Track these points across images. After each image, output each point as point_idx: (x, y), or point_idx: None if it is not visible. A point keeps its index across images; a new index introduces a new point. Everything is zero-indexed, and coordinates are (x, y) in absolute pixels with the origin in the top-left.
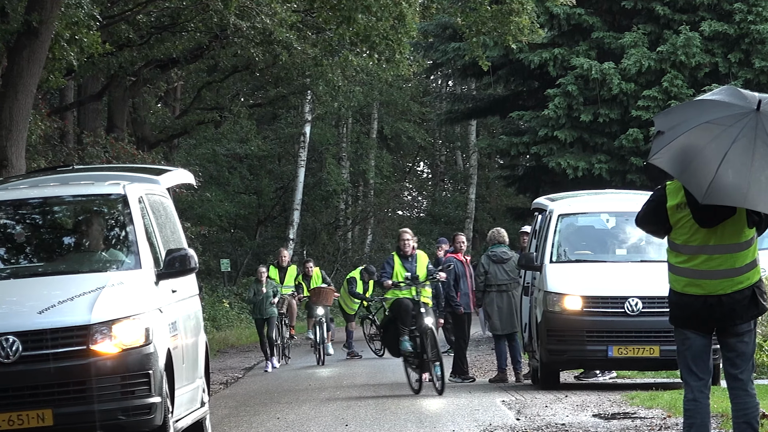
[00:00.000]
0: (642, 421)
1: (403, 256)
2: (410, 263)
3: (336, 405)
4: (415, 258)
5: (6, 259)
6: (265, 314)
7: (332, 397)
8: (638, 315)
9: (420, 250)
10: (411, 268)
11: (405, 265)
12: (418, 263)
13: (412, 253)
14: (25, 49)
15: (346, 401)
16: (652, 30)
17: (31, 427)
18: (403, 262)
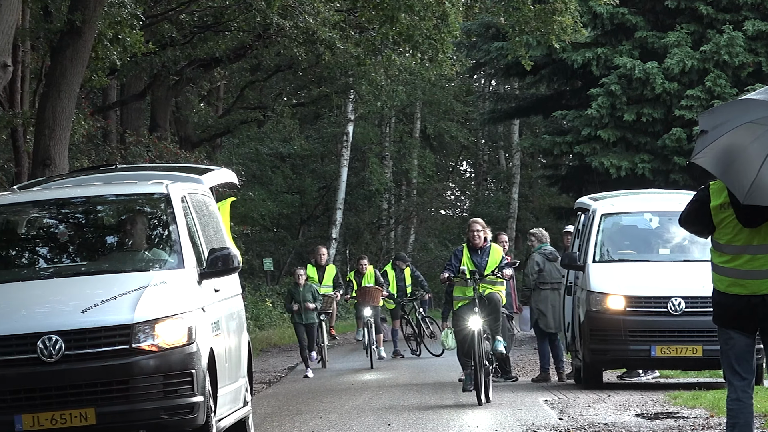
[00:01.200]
0: (685, 420)
1: (472, 249)
2: (480, 257)
3: (379, 404)
4: (487, 252)
5: (49, 258)
6: (306, 319)
7: (375, 397)
8: (681, 315)
9: (494, 243)
10: (481, 263)
11: (474, 259)
12: (490, 257)
13: (483, 246)
14: (68, 48)
15: (388, 401)
16: (696, 29)
17: (73, 426)
18: (472, 256)
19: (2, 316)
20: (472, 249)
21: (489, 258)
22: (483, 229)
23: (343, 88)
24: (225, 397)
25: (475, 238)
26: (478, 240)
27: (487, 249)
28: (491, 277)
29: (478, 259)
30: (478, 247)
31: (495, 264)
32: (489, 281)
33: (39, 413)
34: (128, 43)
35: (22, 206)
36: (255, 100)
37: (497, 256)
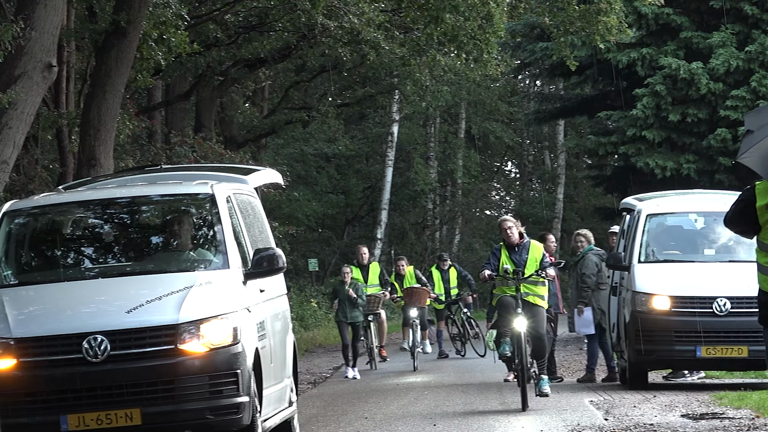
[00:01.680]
0: (730, 421)
1: (510, 247)
2: (519, 254)
3: (424, 405)
4: (526, 248)
5: (94, 258)
6: (350, 318)
7: (420, 397)
8: (727, 315)
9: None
10: (520, 260)
11: (513, 257)
12: (529, 255)
13: (520, 243)
14: (113, 48)
15: (434, 401)
16: (741, 30)
17: (119, 426)
18: (510, 254)
19: (48, 317)
20: (510, 247)
21: (529, 255)
22: (514, 225)
23: (388, 88)
24: (270, 398)
25: (508, 236)
26: (512, 237)
27: (525, 245)
28: (534, 277)
29: (516, 256)
30: (515, 244)
31: (535, 261)
32: (531, 281)
33: (84, 413)
34: (173, 43)
35: (68, 206)
36: (300, 101)
37: (537, 253)
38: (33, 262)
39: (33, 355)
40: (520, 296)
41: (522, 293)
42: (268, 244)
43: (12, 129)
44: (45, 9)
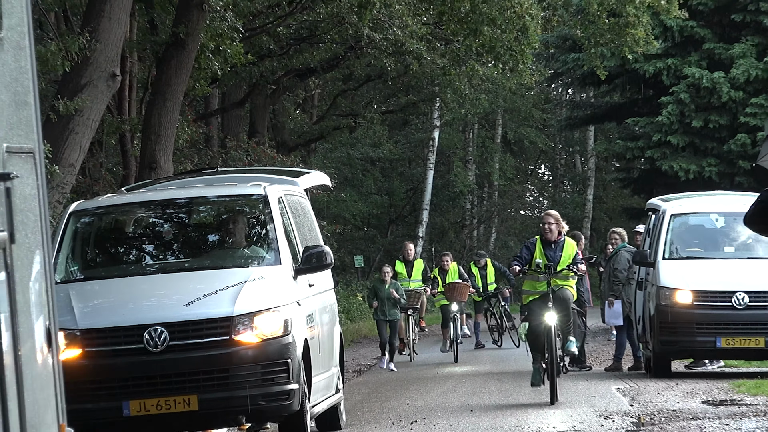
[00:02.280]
0: (748, 407)
1: (545, 243)
2: (553, 251)
3: (461, 392)
4: (561, 246)
5: (155, 255)
6: (388, 316)
7: (458, 385)
8: (745, 308)
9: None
10: (554, 256)
11: (547, 253)
12: (564, 252)
13: (557, 240)
14: (172, 59)
15: (471, 389)
16: (760, 41)
17: (177, 411)
18: (544, 249)
19: (111, 309)
20: (545, 243)
21: (563, 252)
22: (556, 223)
23: (430, 96)
24: (318, 385)
25: (546, 232)
26: (550, 234)
27: (561, 243)
28: (565, 271)
29: (551, 253)
30: (551, 241)
31: (569, 258)
32: (561, 276)
33: (145, 399)
34: (229, 54)
35: (130, 206)
36: (347, 108)
37: (571, 251)
38: (97, 258)
39: (97, 345)
40: (550, 291)
41: (553, 287)
42: (317, 242)
43: (78, 134)
44: (109, 22)
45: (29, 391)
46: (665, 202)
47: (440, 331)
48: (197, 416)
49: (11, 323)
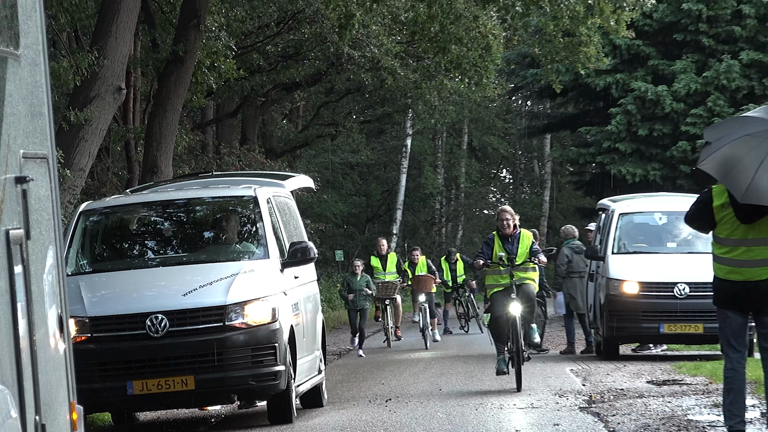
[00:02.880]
0: (688, 386)
1: (503, 237)
2: (511, 244)
3: (431, 374)
4: (517, 239)
5: (156, 250)
6: (359, 306)
7: (428, 368)
8: (686, 298)
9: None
10: (512, 249)
11: (506, 247)
12: (520, 244)
13: (513, 233)
14: (172, 74)
15: (439, 371)
16: (699, 58)
17: (176, 390)
18: (503, 243)
19: (117, 299)
20: (503, 237)
21: (520, 244)
22: (512, 217)
23: (403, 107)
24: (303, 367)
25: (504, 226)
26: (508, 228)
27: (517, 236)
28: (527, 263)
29: (509, 246)
30: (509, 235)
31: (526, 249)
32: (522, 268)
33: (147, 379)
34: (223, 70)
35: (134, 206)
36: (328, 118)
37: (528, 242)
38: (104, 253)
39: (104, 331)
40: (513, 283)
41: (515, 279)
42: (302, 238)
43: (87, 141)
44: (116, 41)
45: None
46: (614, 203)
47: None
48: (194, 395)
49: (27, 311)
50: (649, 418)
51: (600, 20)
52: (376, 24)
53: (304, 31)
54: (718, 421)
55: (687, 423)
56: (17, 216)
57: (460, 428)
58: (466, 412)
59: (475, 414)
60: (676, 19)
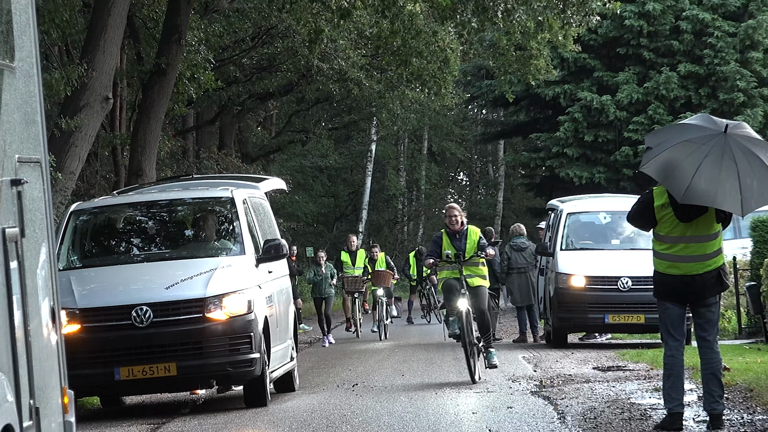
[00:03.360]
0: (631, 372)
1: (451, 234)
2: (459, 240)
3: (394, 360)
4: (465, 235)
5: (140, 246)
6: (324, 294)
7: (391, 355)
8: (629, 291)
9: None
10: (460, 245)
11: (453, 243)
12: (468, 240)
13: (460, 230)
14: (155, 85)
15: (402, 357)
16: (640, 70)
17: (160, 376)
18: (451, 240)
19: (104, 292)
20: (451, 234)
21: (467, 240)
22: (459, 215)
23: (368, 115)
24: (276, 354)
25: (452, 223)
26: (456, 225)
27: (465, 232)
28: (475, 258)
29: (457, 243)
30: (456, 231)
31: (474, 244)
32: (472, 263)
33: (133, 366)
34: (202, 81)
35: (120, 207)
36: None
37: (475, 237)
38: (93, 249)
39: (93, 322)
40: (463, 278)
41: (465, 275)
42: (275, 236)
43: (77, 147)
44: (103, 54)
45: (37, 360)
46: (562, 203)
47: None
48: (176, 380)
49: (22, 303)
50: (595, 401)
51: (549, 35)
52: (343, 39)
53: (276, 45)
54: (659, 404)
55: (630, 406)
56: (13, 215)
57: (421, 410)
58: (426, 396)
59: (434, 398)
60: (619, 34)
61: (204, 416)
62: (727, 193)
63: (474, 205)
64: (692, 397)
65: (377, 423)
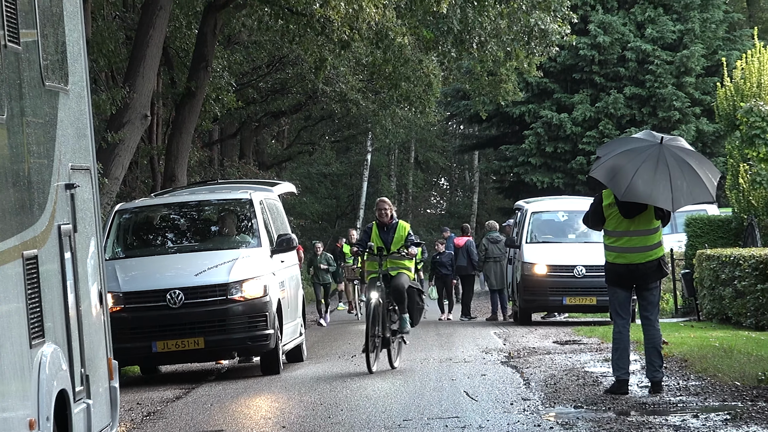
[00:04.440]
0: (585, 345)
1: (380, 226)
2: (387, 233)
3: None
4: (394, 228)
5: (174, 240)
6: (322, 281)
7: None
8: (583, 277)
9: (403, 220)
10: (387, 238)
11: (381, 235)
12: (396, 234)
13: (389, 223)
14: (186, 105)
15: None
16: (593, 92)
17: (190, 348)
18: (380, 232)
19: (143, 278)
20: (380, 226)
21: (395, 234)
22: (389, 208)
23: (364, 130)
24: (287, 330)
25: (382, 215)
26: (385, 217)
27: (394, 225)
28: (398, 253)
29: (385, 235)
30: (386, 224)
31: (401, 239)
32: (396, 257)
33: (167, 340)
34: (225, 101)
35: (157, 207)
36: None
37: (403, 232)
38: (134, 242)
39: (134, 303)
40: (381, 272)
41: (389, 268)
42: (286, 231)
43: (121, 157)
44: (142, 79)
45: (87, 335)
46: (527, 204)
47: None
48: (204, 352)
49: (74, 288)
50: (555, 369)
51: (516, 63)
52: (343, 66)
53: (287, 71)
54: (608, 372)
55: (584, 373)
56: (67, 214)
57: (409, 377)
58: (413, 366)
59: (420, 367)
60: (574, 62)
61: (227, 382)
62: (661, 192)
63: (453, 206)
64: (636, 366)
65: (372, 388)
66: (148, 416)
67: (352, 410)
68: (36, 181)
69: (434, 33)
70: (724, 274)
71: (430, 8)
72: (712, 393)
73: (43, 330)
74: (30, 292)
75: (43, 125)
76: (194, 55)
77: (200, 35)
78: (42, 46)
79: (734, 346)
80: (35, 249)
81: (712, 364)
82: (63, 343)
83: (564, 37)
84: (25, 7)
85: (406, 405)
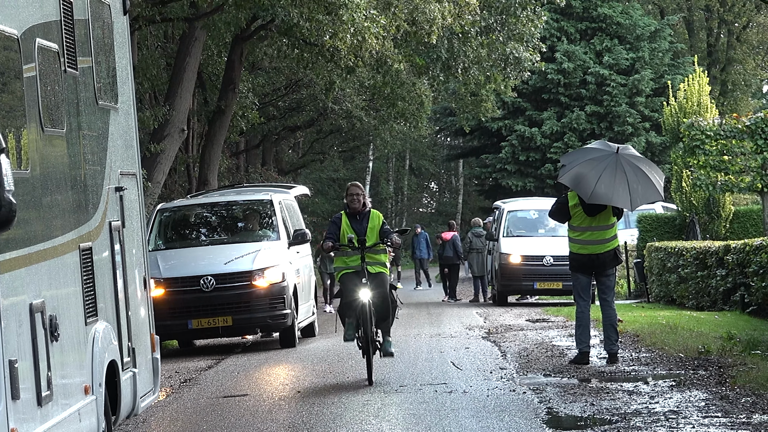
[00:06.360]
0: (552, 323)
1: (351, 215)
2: (359, 223)
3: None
4: (366, 217)
5: (206, 234)
6: (329, 270)
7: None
8: (551, 265)
9: (375, 209)
10: (360, 229)
11: (353, 225)
12: (369, 224)
13: (362, 211)
14: (217, 120)
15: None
16: (559, 110)
17: (220, 325)
18: (351, 222)
19: (181, 266)
20: (351, 215)
21: (369, 223)
22: (362, 192)
23: (366, 142)
24: (302, 310)
25: (353, 201)
26: (357, 204)
27: (366, 214)
28: (380, 246)
29: (357, 225)
30: (357, 212)
31: (375, 228)
32: (374, 249)
33: (201, 318)
34: (250, 117)
35: (192, 206)
36: (318, 149)
37: (377, 221)
38: (173, 236)
39: (173, 287)
40: (364, 266)
41: (369, 269)
42: (301, 227)
43: (162, 164)
44: (180, 99)
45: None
46: (504, 203)
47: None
48: (232, 328)
49: (123, 274)
50: (527, 343)
51: (494, 85)
52: (349, 88)
53: (302, 92)
54: (572, 345)
55: (552, 347)
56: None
57: (404, 350)
58: (408, 340)
59: (414, 341)
60: (543, 84)
61: (251, 354)
62: (620, 195)
63: (442, 205)
64: (596, 341)
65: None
66: (185, 382)
67: (356, 377)
68: (91, 184)
69: (426, 60)
70: (670, 263)
71: (422, 40)
72: (660, 363)
73: (96, 310)
74: (85, 278)
75: (96, 137)
76: (224, 79)
77: (229, 62)
78: (96, 71)
79: (678, 324)
80: (90, 242)
81: (660, 339)
82: (113, 320)
83: (534, 64)
84: (82, 38)
85: (401, 373)
